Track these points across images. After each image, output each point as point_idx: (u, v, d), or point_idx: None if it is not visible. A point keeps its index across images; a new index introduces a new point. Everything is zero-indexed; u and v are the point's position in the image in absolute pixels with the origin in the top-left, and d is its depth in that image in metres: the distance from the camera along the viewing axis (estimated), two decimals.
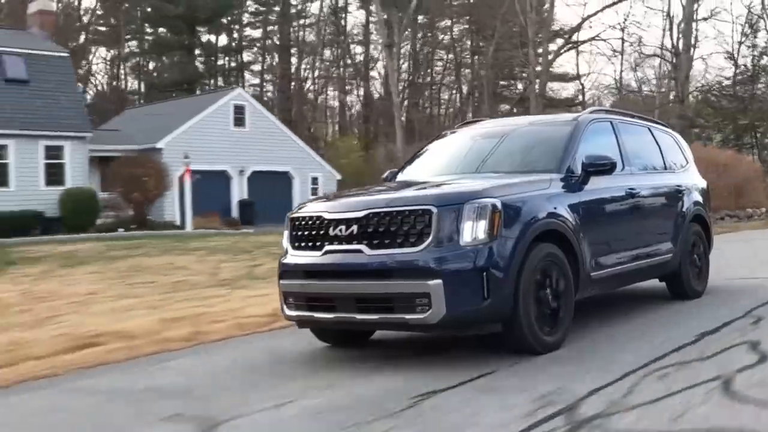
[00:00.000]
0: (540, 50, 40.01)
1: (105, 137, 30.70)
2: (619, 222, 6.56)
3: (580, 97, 49.10)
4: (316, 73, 59.75)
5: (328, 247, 5.41)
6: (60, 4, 51.60)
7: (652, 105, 43.89)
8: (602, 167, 6.13)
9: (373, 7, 51.97)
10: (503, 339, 5.34)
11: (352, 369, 5.30)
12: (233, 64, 59.77)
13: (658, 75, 46.79)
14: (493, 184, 5.50)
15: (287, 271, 5.77)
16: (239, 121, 33.65)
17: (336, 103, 62.03)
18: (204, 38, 56.28)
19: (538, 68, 40.02)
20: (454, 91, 60.48)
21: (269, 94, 59.25)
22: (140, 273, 13.23)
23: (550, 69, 43.93)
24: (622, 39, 42.78)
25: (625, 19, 51.28)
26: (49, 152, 27.31)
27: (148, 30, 56.39)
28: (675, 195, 7.53)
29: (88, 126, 28.94)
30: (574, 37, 43.04)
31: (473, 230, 5.06)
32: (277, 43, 58.39)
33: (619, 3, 42.65)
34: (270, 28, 59.68)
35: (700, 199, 8.00)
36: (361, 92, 60.09)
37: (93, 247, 19.63)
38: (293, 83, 57.94)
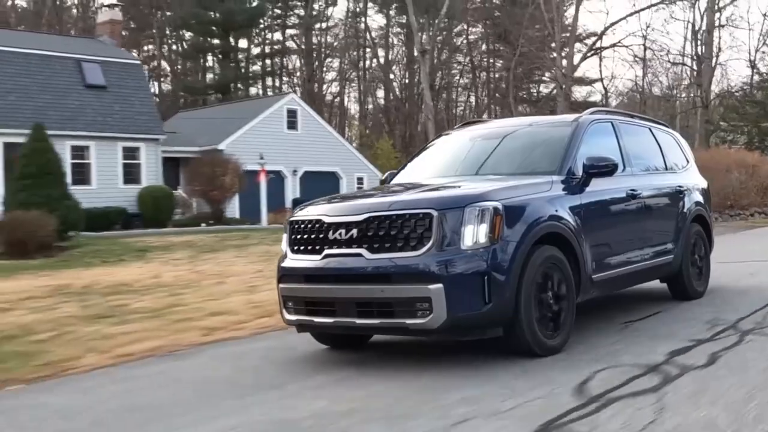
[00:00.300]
0: (564, 54, 41.40)
1: (166, 139, 32.00)
2: (621, 224, 6.51)
3: (604, 101, 50.49)
4: (335, 75, 61.72)
5: (327, 251, 5.37)
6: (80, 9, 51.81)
7: (673, 110, 45.55)
8: (604, 169, 6.08)
9: (393, 12, 53.97)
10: (505, 343, 5.30)
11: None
12: (254, 68, 60.93)
13: (679, 81, 48.58)
14: (494, 186, 5.46)
15: (286, 275, 5.72)
16: (292, 124, 35.72)
17: (356, 107, 63.09)
18: (231, 43, 57.49)
19: (563, 71, 41.33)
20: (470, 94, 61.55)
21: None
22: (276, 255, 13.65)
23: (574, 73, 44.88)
24: (644, 45, 43.94)
25: (647, 27, 51.73)
26: (127, 153, 29.31)
27: (187, 35, 57.91)
28: (676, 195, 7.48)
29: (160, 128, 30.78)
30: (596, 43, 44.70)
31: (474, 234, 5.02)
32: (302, 47, 60.03)
33: (641, 11, 44.60)
34: (291, 32, 61.37)
35: (701, 199, 7.96)
36: (380, 95, 61.49)
37: (200, 238, 20.96)
38: (315, 86, 59.43)
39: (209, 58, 57.89)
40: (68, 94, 27.90)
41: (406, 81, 59.96)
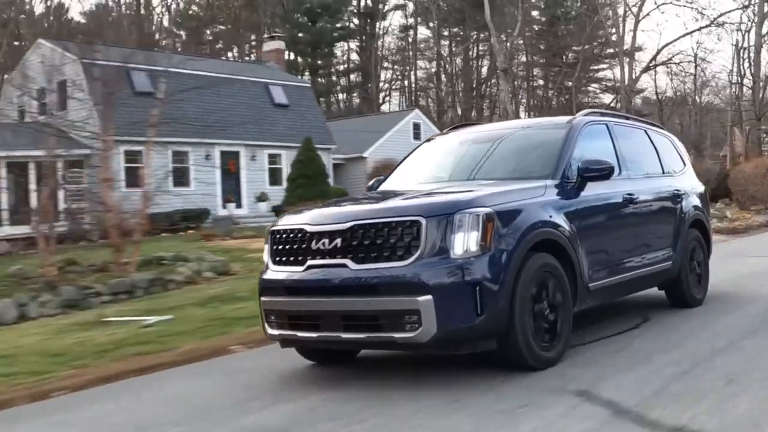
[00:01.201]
0: (626, 69, 44.76)
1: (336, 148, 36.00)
2: (618, 229, 6.26)
3: (659, 112, 52.99)
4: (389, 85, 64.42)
5: (310, 262, 5.09)
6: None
7: (725, 120, 48.26)
8: (599, 172, 5.83)
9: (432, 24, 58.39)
10: (498, 356, 5.03)
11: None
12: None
13: (727, 95, 51.17)
14: (485, 192, 5.20)
15: (268, 288, 5.45)
16: (416, 135, 38.99)
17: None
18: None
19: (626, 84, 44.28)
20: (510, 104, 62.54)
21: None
22: None
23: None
24: (695, 62, 47.51)
25: (698, 45, 59.22)
26: None
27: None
28: (674, 200, 7.23)
29: (331, 140, 34.68)
30: (653, 59, 47.82)
31: (465, 242, 4.76)
32: (363, 59, 62.81)
33: (692, 33, 48.22)
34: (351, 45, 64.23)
35: (698, 203, 7.71)
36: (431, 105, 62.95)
37: None
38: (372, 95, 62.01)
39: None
40: (262, 112, 32.34)
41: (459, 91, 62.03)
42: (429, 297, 4.63)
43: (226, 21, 57.34)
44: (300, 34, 57.70)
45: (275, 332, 5.40)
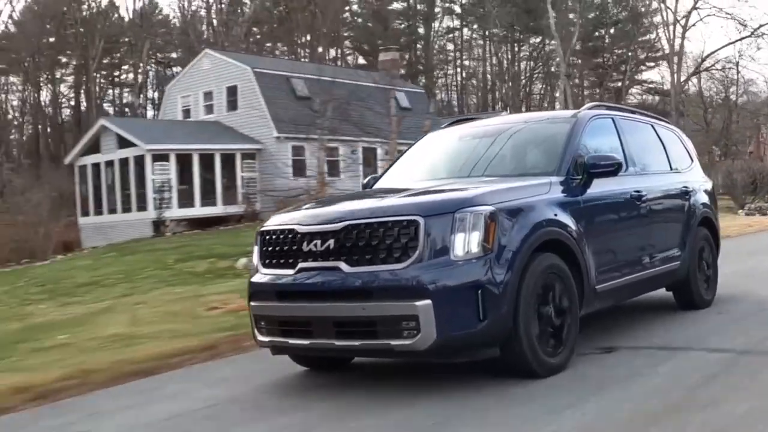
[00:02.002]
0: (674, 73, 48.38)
1: None
2: (625, 228, 5.97)
3: (704, 115, 55.87)
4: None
5: (302, 265, 4.80)
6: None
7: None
8: (606, 168, 5.53)
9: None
10: (502, 363, 4.74)
11: None
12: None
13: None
14: (486, 189, 4.91)
15: (257, 292, 5.15)
16: None
17: None
18: None
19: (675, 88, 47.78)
20: (547, 101, 63.80)
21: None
22: None
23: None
24: (737, 69, 51.38)
25: (740, 55, 62.03)
26: None
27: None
28: (682, 197, 6.93)
29: None
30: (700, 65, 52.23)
31: (465, 242, 4.47)
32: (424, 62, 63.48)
33: (735, 42, 50.77)
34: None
35: (707, 200, 7.41)
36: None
37: None
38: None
39: None
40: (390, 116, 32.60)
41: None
42: (428, 301, 4.35)
43: (281, 21, 57.66)
44: (378, 41, 59.18)
45: (265, 339, 5.10)
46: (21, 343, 7.99)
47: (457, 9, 63.15)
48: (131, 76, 57.42)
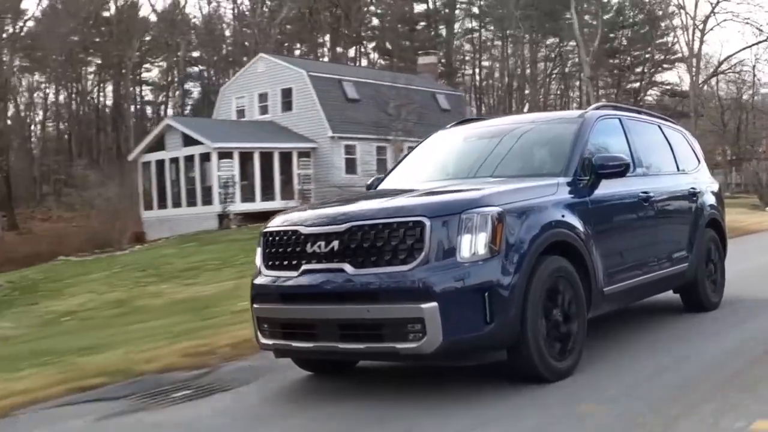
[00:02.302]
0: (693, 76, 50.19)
1: None
2: (633, 229, 5.88)
3: (721, 116, 56.92)
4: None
5: (305, 267, 4.72)
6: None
7: None
8: (614, 169, 5.45)
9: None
10: (508, 367, 4.66)
11: None
12: None
13: None
14: (493, 190, 4.83)
15: (260, 294, 5.07)
16: None
17: None
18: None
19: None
20: (563, 101, 64.46)
21: None
22: None
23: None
24: (753, 72, 53.24)
25: (756, 59, 64.12)
26: None
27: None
28: (689, 198, 6.85)
29: None
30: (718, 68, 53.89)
31: (473, 244, 4.39)
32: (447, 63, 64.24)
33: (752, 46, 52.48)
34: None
35: (714, 202, 7.33)
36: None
37: None
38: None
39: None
40: (434, 115, 33.08)
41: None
42: (434, 304, 4.26)
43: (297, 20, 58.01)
44: (406, 42, 61.19)
45: (268, 342, 5.02)
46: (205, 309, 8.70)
47: (475, 10, 64.02)
48: (152, 74, 57.99)
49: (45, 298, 14.47)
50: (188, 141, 29.97)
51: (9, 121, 46.72)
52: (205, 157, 29.79)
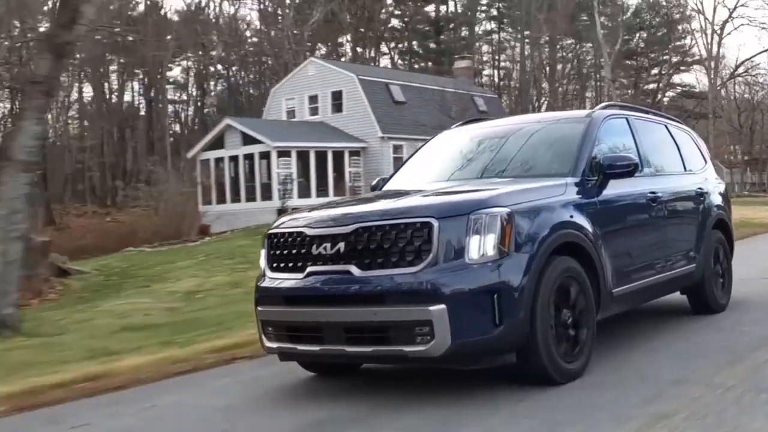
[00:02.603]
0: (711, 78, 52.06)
1: None
2: (641, 230, 5.82)
3: (739, 119, 58.61)
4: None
5: (311, 269, 4.65)
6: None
7: None
8: (623, 169, 5.39)
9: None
10: (518, 370, 4.59)
11: None
12: None
13: None
14: (502, 190, 4.77)
15: (265, 296, 5.00)
16: None
17: None
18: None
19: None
20: (579, 102, 64.99)
21: None
22: None
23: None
24: None
25: None
26: None
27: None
28: (696, 199, 6.79)
29: None
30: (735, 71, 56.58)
31: (481, 245, 4.32)
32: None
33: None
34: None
35: (721, 202, 7.26)
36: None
37: None
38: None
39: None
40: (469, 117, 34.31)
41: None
42: (442, 306, 4.20)
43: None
44: (432, 45, 62.22)
45: (273, 345, 4.95)
46: None
47: (494, 12, 64.53)
48: (175, 72, 58.19)
49: (152, 282, 14.66)
50: (247, 140, 31.71)
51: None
52: (265, 155, 31.59)
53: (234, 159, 33.02)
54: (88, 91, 55.48)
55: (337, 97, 35.05)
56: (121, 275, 16.27)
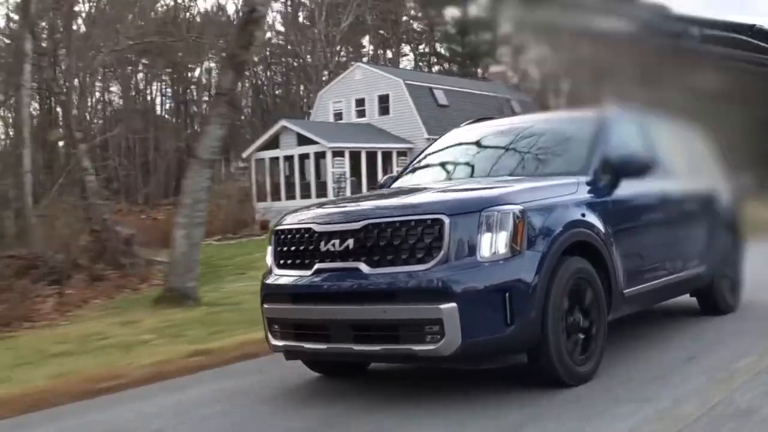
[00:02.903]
0: None
1: None
2: (653, 230, 5.73)
3: None
4: None
5: (319, 266, 4.59)
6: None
7: None
8: (635, 169, 5.32)
9: None
10: (529, 371, 4.51)
11: None
12: None
13: None
14: (514, 188, 4.70)
15: (271, 294, 4.94)
16: None
17: None
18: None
19: None
20: None
21: None
22: None
23: None
24: None
25: None
26: None
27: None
28: (707, 199, 6.72)
29: None
30: None
31: (493, 243, 4.25)
32: None
33: None
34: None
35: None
36: None
37: None
38: None
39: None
40: None
41: None
42: (453, 305, 4.12)
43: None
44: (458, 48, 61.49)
45: (279, 343, 4.89)
46: None
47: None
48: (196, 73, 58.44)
49: (244, 270, 15.25)
50: (302, 140, 33.75)
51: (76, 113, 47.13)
52: (320, 155, 33.80)
53: (289, 158, 34.88)
54: (115, 90, 55.82)
55: (383, 100, 36.95)
56: (206, 265, 16.37)
